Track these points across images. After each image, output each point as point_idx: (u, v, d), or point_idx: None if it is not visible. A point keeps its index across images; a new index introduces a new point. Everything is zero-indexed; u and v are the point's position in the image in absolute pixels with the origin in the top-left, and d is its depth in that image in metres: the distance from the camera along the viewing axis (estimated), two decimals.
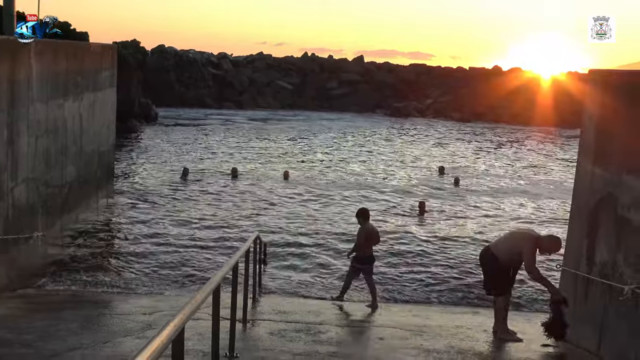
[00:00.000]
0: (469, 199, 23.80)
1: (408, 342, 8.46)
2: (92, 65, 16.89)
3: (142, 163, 29.43)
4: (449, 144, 42.37)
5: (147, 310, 9.70)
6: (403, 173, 29.57)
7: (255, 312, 9.60)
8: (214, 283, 5.28)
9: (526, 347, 8.56)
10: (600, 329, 7.91)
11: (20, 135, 11.25)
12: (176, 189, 23.43)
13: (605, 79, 8.70)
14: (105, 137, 18.71)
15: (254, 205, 21.31)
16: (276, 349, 7.68)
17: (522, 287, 13.56)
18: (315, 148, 37.75)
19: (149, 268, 14.00)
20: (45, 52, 12.63)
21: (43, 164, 12.69)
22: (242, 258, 8.01)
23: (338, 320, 9.79)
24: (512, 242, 8.84)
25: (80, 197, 15.82)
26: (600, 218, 8.20)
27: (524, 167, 33.19)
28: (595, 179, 8.40)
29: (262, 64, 69.95)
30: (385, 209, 21.57)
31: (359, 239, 10.96)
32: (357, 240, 11.05)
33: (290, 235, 17.63)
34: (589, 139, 8.89)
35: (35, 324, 8.66)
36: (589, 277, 8.26)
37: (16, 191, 11.16)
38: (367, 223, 10.99)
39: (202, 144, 37.08)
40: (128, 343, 7.74)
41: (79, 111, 15.29)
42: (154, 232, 17.08)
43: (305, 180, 26.63)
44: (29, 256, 11.94)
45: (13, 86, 10.90)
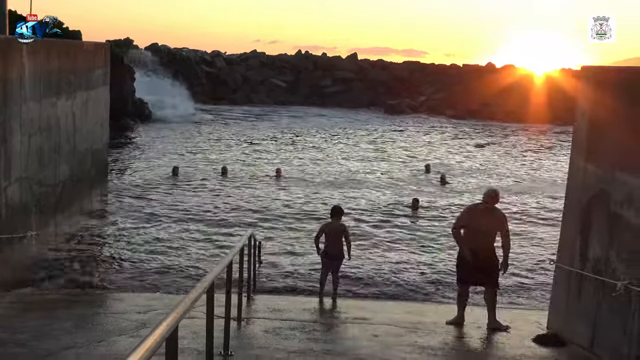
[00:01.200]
0: (460, 196, 23.83)
1: (403, 339, 8.47)
2: (85, 63, 16.84)
3: (136, 161, 29.37)
4: (440, 141, 42.40)
5: (142, 309, 9.69)
6: (395, 170, 29.56)
7: (250, 310, 9.61)
8: (208, 281, 5.29)
9: (520, 344, 8.58)
10: (594, 325, 7.94)
11: (13, 134, 11.22)
12: (168, 187, 23.40)
13: (598, 76, 8.73)
14: (99, 135, 18.67)
15: (248, 203, 21.29)
16: (271, 347, 7.69)
17: (515, 283, 13.61)
18: (308, 145, 37.77)
19: (143, 267, 13.98)
20: (38, 50, 12.59)
21: (36, 163, 12.66)
22: (237, 256, 8.02)
23: (333, 317, 9.80)
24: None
25: (74, 196, 15.78)
26: (593, 214, 8.23)
27: (516, 164, 33.24)
28: (588, 176, 8.43)
29: (255, 62, 69.84)
30: (378, 205, 21.57)
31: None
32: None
33: (284, 233, 17.64)
34: (581, 136, 8.91)
35: (29, 323, 8.65)
36: (582, 273, 8.29)
37: (9, 190, 11.13)
38: (333, 220, 11.21)
39: (194, 142, 37.04)
40: (122, 342, 7.73)
41: (72, 110, 15.25)
42: (147, 231, 17.06)
43: (297, 177, 26.63)
44: (22, 256, 11.91)
45: (5, 85, 10.87)
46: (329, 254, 11.06)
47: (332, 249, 11.04)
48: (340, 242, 10.99)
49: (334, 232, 11.05)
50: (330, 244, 11.07)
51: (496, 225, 9.18)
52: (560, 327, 8.90)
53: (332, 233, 11.05)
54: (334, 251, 11.03)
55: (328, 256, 11.06)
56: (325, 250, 11.13)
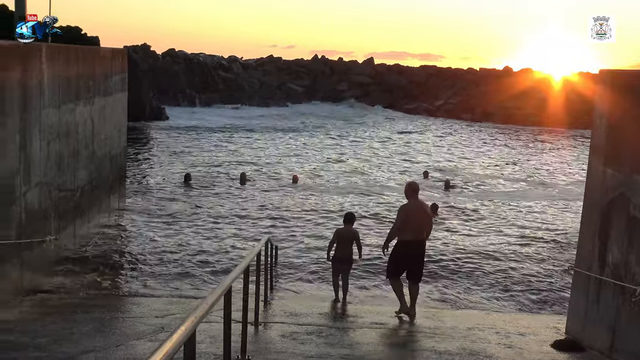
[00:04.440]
0: (477, 200, 23.73)
1: (420, 344, 8.45)
2: (103, 69, 16.96)
3: (154, 166, 29.55)
4: (456, 144, 42.28)
5: (160, 313, 9.74)
6: (413, 173, 29.49)
7: (267, 315, 9.62)
8: (225, 286, 5.30)
9: (539, 349, 8.53)
10: (613, 330, 7.88)
11: (32, 139, 11.32)
12: (186, 192, 23.52)
13: (616, 79, 8.66)
14: (117, 140, 18.79)
15: (264, 208, 21.33)
16: (288, 352, 7.70)
17: (533, 288, 13.55)
18: (323, 150, 37.86)
19: (161, 271, 14.04)
20: (56, 57, 12.70)
21: (55, 168, 12.76)
22: (254, 261, 8.03)
23: (350, 322, 9.79)
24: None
25: (92, 201, 15.89)
26: (612, 219, 8.17)
27: (534, 168, 33.06)
28: (607, 180, 8.37)
29: (272, 66, 70.12)
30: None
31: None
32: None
33: (301, 237, 17.65)
34: (600, 140, 8.85)
35: (48, 327, 8.72)
36: (601, 278, 8.23)
37: (29, 195, 11.23)
38: (346, 226, 11.59)
39: (213, 148, 37.20)
40: (141, 346, 7.77)
41: (90, 115, 15.36)
42: (165, 235, 17.14)
43: (313, 183, 26.65)
44: (41, 260, 12.00)
45: (25, 91, 10.97)
46: (338, 258, 11.39)
47: (342, 253, 11.35)
48: (351, 247, 11.36)
49: (345, 237, 11.40)
50: (341, 248, 11.39)
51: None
52: (579, 332, 8.83)
53: (344, 238, 11.39)
54: (344, 255, 11.35)
55: (338, 260, 11.40)
56: (336, 254, 11.45)
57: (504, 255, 16.27)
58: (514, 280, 14.29)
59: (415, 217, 9.92)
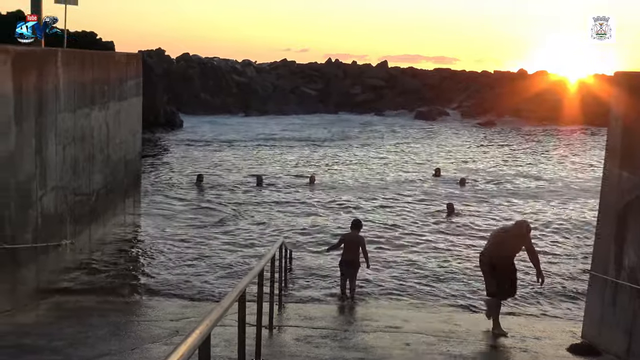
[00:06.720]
0: (494, 201, 23.62)
1: (434, 348, 8.42)
2: (118, 74, 17.06)
3: (168, 170, 29.66)
4: (470, 147, 42.14)
5: (175, 316, 9.78)
6: (428, 176, 29.42)
7: (281, 318, 9.62)
8: (239, 289, 5.31)
9: (555, 353, 8.48)
10: (630, 334, 7.82)
11: (48, 144, 11.41)
12: (201, 196, 23.60)
13: (632, 81, 8.61)
14: (132, 145, 18.88)
15: (279, 211, 21.36)
16: (302, 355, 7.70)
17: (549, 292, 13.46)
18: (339, 151, 37.87)
19: (176, 275, 14.08)
20: (72, 62, 12.80)
21: (71, 173, 12.84)
22: (268, 264, 8.04)
23: (364, 325, 9.78)
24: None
25: (107, 205, 15.97)
26: (628, 222, 8.11)
27: (550, 170, 32.86)
28: (623, 182, 8.31)
29: (286, 70, 70.23)
30: (413, 211, 21.49)
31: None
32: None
33: (315, 241, 17.64)
34: (615, 142, 8.79)
35: (64, 330, 8.78)
36: (617, 281, 8.17)
37: (45, 199, 11.31)
38: (352, 232, 12.28)
39: (226, 151, 37.30)
40: (156, 349, 7.81)
41: (105, 120, 15.45)
42: (180, 239, 17.19)
43: (331, 184, 26.68)
44: (57, 264, 12.08)
45: (41, 96, 11.06)
46: (346, 262, 12.07)
47: (348, 257, 12.04)
48: (357, 251, 11.98)
49: (351, 242, 12.08)
50: (348, 253, 12.06)
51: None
52: (595, 336, 8.77)
53: (350, 243, 12.10)
54: (350, 259, 12.02)
55: (344, 264, 12.09)
56: (343, 258, 12.13)
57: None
58: (529, 283, 14.19)
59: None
